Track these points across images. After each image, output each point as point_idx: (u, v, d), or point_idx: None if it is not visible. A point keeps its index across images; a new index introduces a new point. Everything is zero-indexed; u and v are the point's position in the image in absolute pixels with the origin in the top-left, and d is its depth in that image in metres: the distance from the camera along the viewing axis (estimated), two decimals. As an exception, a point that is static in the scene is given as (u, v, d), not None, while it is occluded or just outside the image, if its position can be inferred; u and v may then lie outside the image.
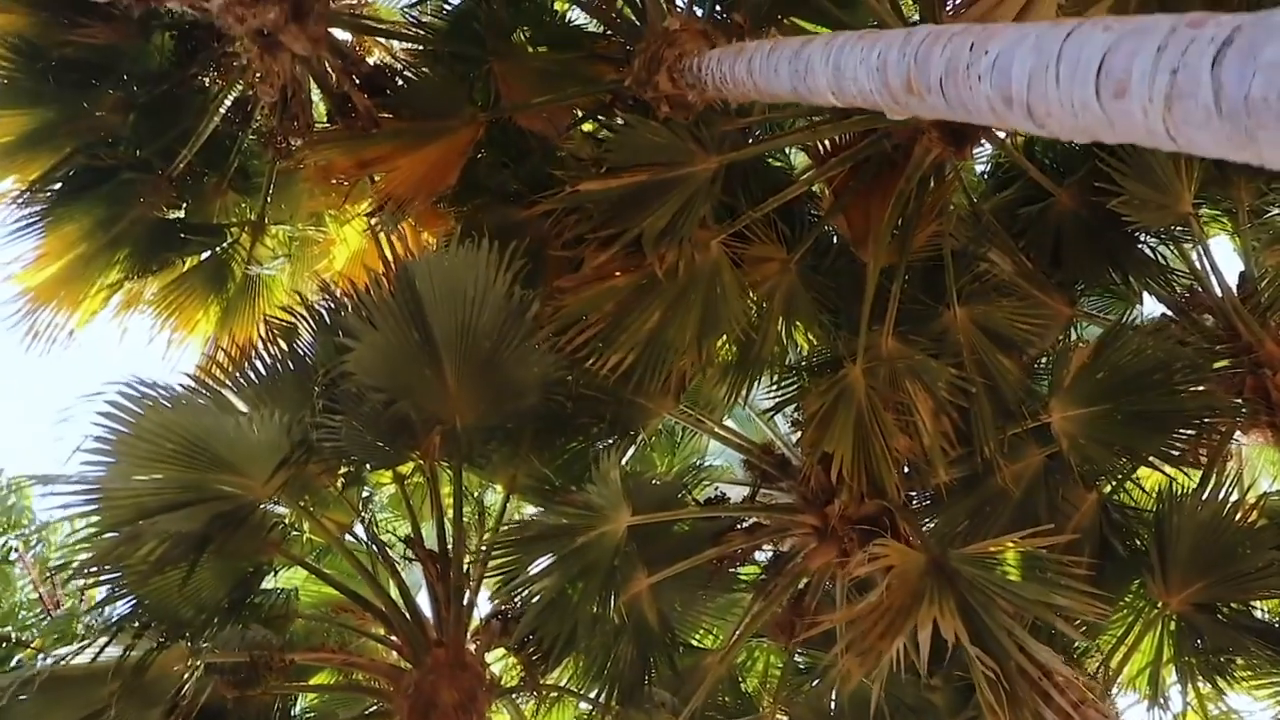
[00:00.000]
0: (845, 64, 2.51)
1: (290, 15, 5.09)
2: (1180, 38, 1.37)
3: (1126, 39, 1.48)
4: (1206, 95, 1.31)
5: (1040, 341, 6.42)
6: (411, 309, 5.02)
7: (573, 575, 5.36)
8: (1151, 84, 1.41)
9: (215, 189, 6.18)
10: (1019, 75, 1.75)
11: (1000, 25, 1.90)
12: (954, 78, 1.99)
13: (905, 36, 2.25)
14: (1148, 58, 1.42)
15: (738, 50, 3.71)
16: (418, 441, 5.50)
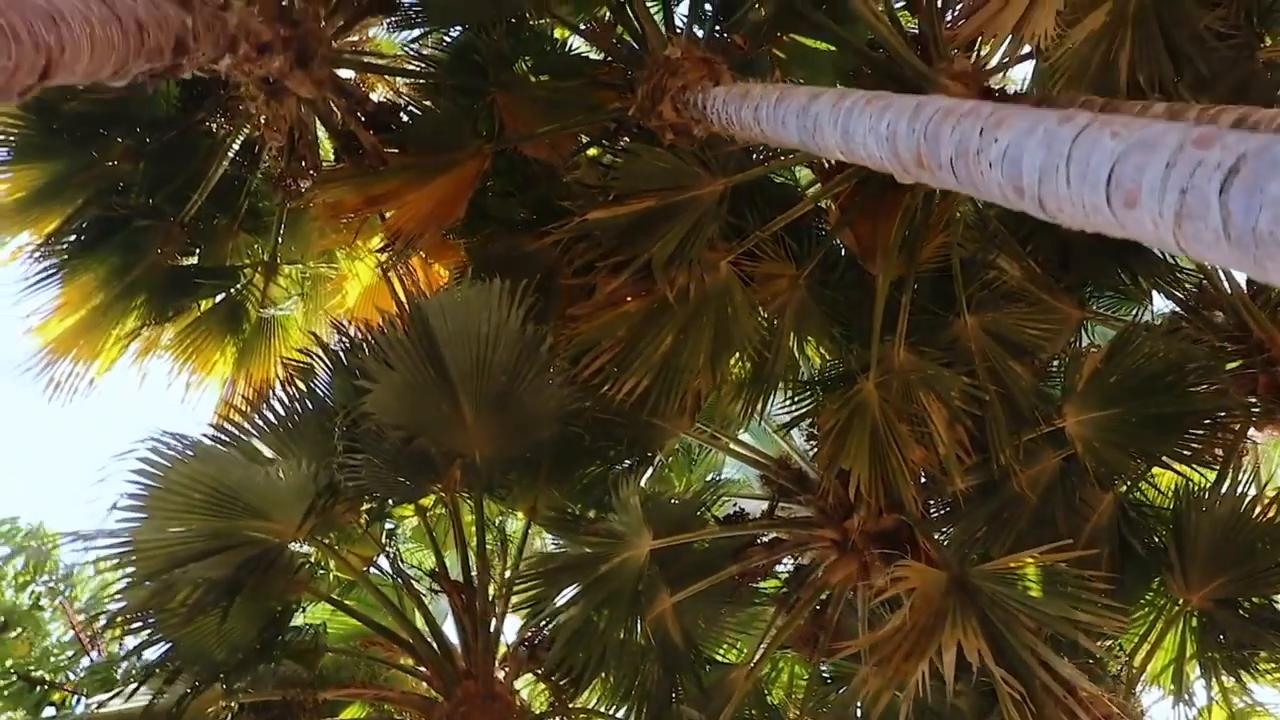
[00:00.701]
0: (854, 129, 2.55)
1: (295, 62, 5.13)
2: (1188, 158, 1.41)
3: (1135, 151, 1.52)
4: (1215, 220, 1.35)
5: (1051, 346, 6.46)
6: (426, 347, 5.07)
7: (598, 603, 5.43)
8: (1161, 199, 1.45)
9: (227, 231, 6.24)
10: (1030, 169, 1.80)
11: (1010, 111, 1.93)
12: (965, 160, 2.03)
13: (915, 109, 2.29)
14: (1156, 174, 1.46)
15: (743, 94, 3.74)
16: (438, 475, 5.57)
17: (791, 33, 6.23)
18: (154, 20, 3.12)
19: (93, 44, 2.61)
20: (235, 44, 4.17)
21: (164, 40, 3.26)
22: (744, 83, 4.09)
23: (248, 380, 6.43)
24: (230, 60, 4.23)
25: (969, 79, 5.53)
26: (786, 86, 3.36)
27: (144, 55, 3.06)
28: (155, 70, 3.31)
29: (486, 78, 6.03)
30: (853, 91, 2.71)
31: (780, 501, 6.52)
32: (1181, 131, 1.45)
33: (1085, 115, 1.69)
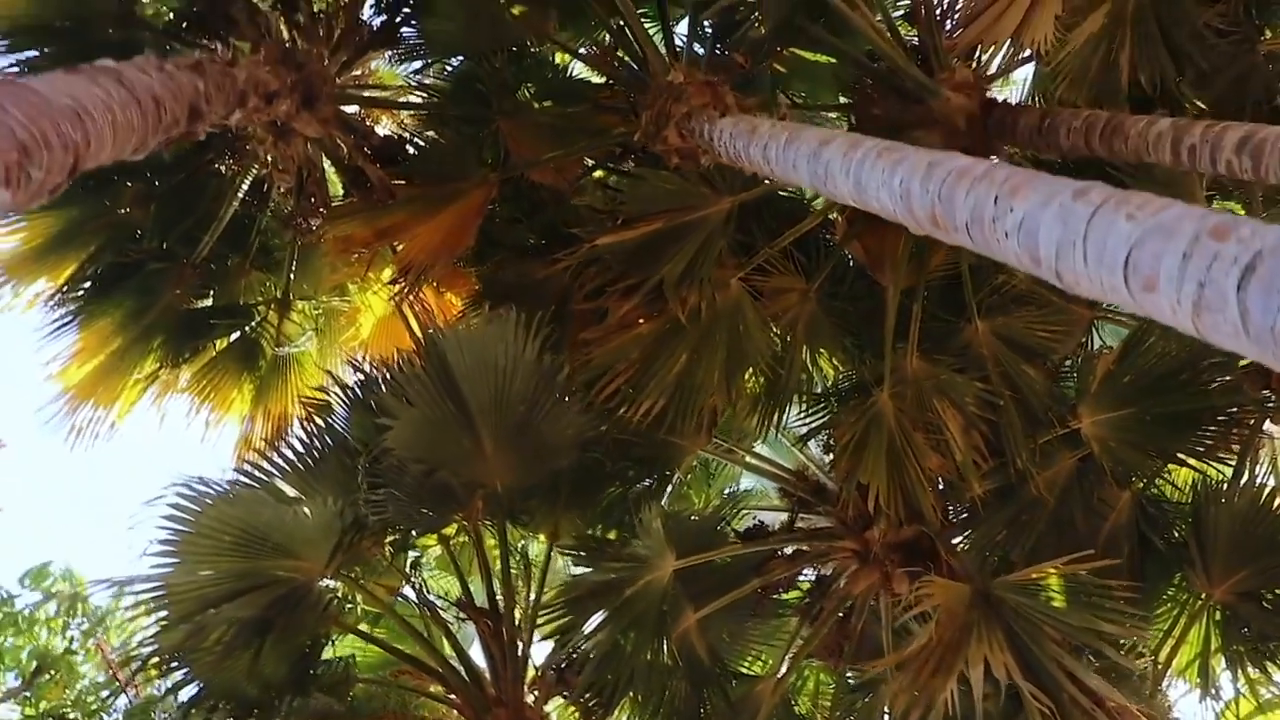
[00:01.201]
0: (867, 182, 2.58)
1: (301, 104, 5.16)
2: (1204, 250, 1.44)
3: (1151, 237, 1.55)
4: (1233, 315, 1.38)
5: (1063, 347, 6.47)
6: (444, 382, 5.12)
7: (624, 626, 5.48)
8: (1179, 289, 1.48)
9: (239, 270, 6.29)
10: (1046, 243, 1.83)
11: (1024, 179, 1.96)
12: (980, 226, 2.06)
13: (927, 169, 2.32)
14: (1174, 263, 1.49)
15: (751, 130, 3.77)
16: (461, 505, 5.62)
17: (791, 47, 6.25)
18: (169, 93, 3.16)
19: (115, 130, 2.65)
20: (245, 98, 4.21)
21: (179, 111, 3.30)
22: (750, 117, 4.11)
23: (266, 417, 6.49)
24: (240, 114, 4.27)
25: (970, 89, 5.55)
26: (795, 126, 3.39)
27: (161, 129, 3.10)
28: (171, 138, 3.36)
29: (490, 106, 6.06)
30: (863, 140, 2.74)
31: (800, 513, 6.56)
32: (1198, 220, 1.48)
33: (1100, 191, 1.72)
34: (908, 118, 5.69)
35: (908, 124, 5.68)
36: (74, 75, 2.64)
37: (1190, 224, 1.48)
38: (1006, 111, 5.12)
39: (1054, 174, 1.94)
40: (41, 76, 2.49)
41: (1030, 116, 4.89)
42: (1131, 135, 3.99)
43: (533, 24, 5.99)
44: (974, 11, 5.79)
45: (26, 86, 2.33)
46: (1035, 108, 5.17)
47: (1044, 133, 4.70)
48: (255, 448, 6.37)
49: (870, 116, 5.99)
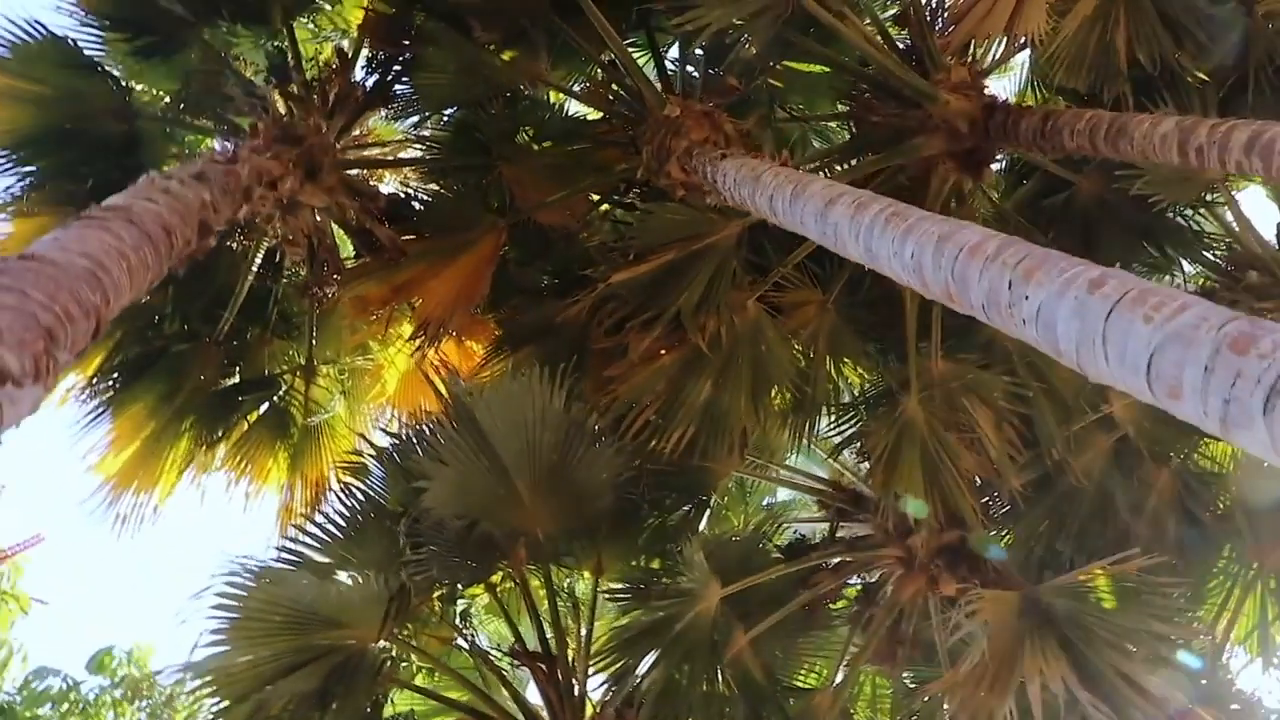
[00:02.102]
0: (878, 250, 2.58)
1: (304, 178, 5.21)
2: (1226, 364, 1.44)
3: (1171, 344, 1.55)
4: (1262, 434, 1.38)
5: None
6: (475, 440, 5.15)
7: (677, 660, 5.50)
8: (1205, 401, 1.48)
9: (261, 341, 6.35)
10: (1066, 338, 1.82)
11: (1037, 261, 1.96)
12: (997, 309, 2.06)
13: (937, 243, 2.31)
14: (1197, 375, 1.49)
15: (754, 177, 3.77)
16: (504, 554, 5.65)
17: (784, 61, 6.22)
18: (178, 217, 3.20)
19: (131, 275, 2.69)
20: (250, 193, 4.25)
21: (189, 232, 3.33)
22: (752, 159, 4.10)
23: (304, 483, 6.55)
24: (247, 207, 4.31)
25: (969, 89, 5.52)
26: (799, 177, 3.38)
27: (174, 255, 3.13)
28: (183, 259, 3.40)
29: (490, 153, 6.08)
30: (869, 203, 2.73)
31: (840, 522, 6.57)
32: (1216, 328, 1.48)
33: (1116, 283, 1.71)
34: (908, 124, 5.66)
35: (908, 130, 5.66)
36: (87, 228, 2.68)
37: (1209, 332, 1.48)
38: (1008, 113, 5.09)
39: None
40: (56, 238, 2.53)
41: (1032, 118, 4.85)
42: (1136, 137, 3.96)
43: (524, 68, 6.00)
44: (964, 8, 5.76)
45: (43, 261, 2.37)
46: (1037, 109, 5.12)
47: (1047, 135, 4.67)
48: (296, 515, 6.44)
49: (870, 124, 5.97)
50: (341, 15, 6.30)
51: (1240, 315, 1.52)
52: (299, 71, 5.87)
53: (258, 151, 4.60)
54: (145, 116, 5.90)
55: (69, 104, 5.74)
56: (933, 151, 5.47)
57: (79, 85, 5.75)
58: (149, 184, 3.35)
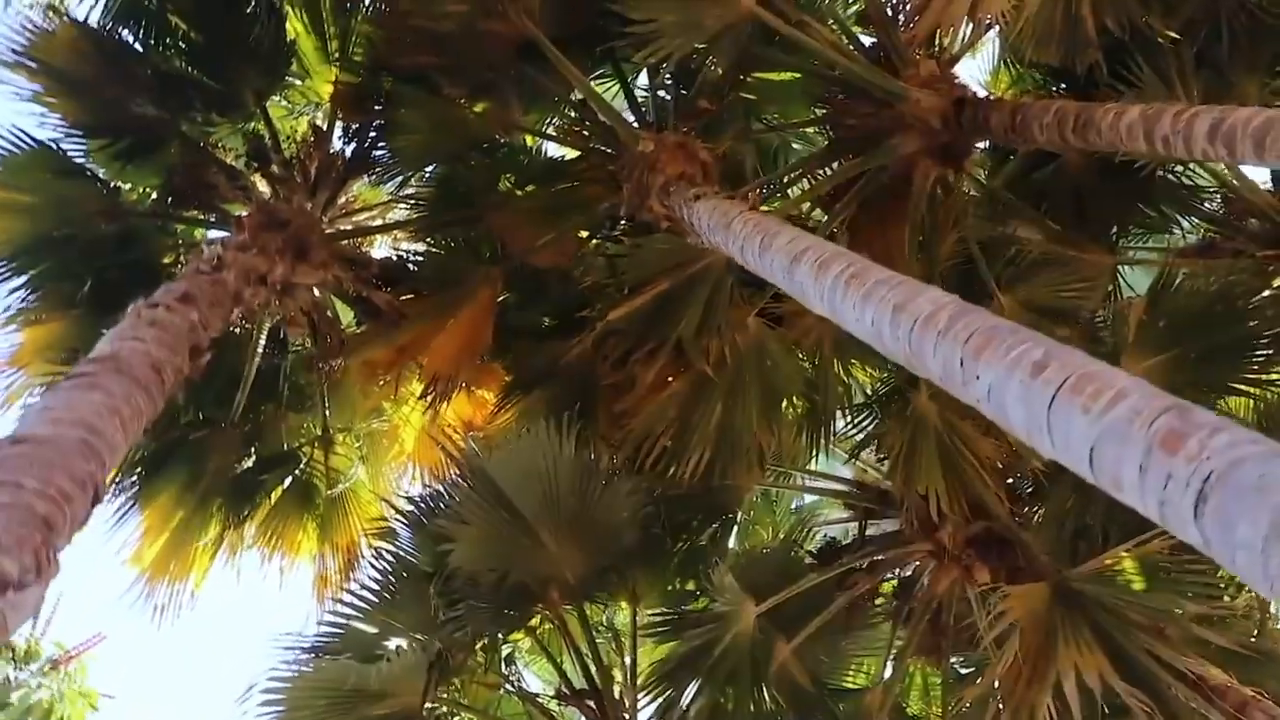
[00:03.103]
0: (842, 312, 2.61)
1: (295, 260, 5.29)
2: (1158, 466, 1.46)
3: (1107, 439, 1.57)
4: (1196, 536, 1.41)
5: (1091, 300, 6.40)
6: (494, 497, 5.23)
7: (721, 684, 5.57)
8: (1143, 498, 1.51)
9: (275, 417, 6.45)
10: (1016, 419, 1.85)
11: (983, 337, 1.98)
12: (954, 384, 2.09)
13: (893, 312, 2.34)
14: (1133, 474, 1.52)
15: (725, 224, 3.81)
16: (538, 599, 5.73)
17: (753, 74, 6.22)
18: (167, 350, 3.27)
19: (126, 429, 2.76)
20: (240, 296, 4.32)
21: (181, 360, 3.40)
22: (725, 201, 4.13)
23: (335, 551, 6.65)
24: (239, 309, 4.38)
25: (938, 84, 5.51)
26: (767, 225, 3.41)
27: (167, 390, 3.21)
28: (176, 387, 3.47)
29: (475, 204, 6.14)
30: (831, 262, 2.76)
31: (868, 520, 6.59)
32: (1148, 422, 1.51)
33: (1058, 367, 1.74)
34: (882, 124, 5.66)
35: (882, 130, 5.66)
36: (76, 390, 2.75)
37: (1140, 428, 1.51)
38: (978, 107, 5.08)
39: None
40: (48, 408, 2.60)
41: (1002, 111, 4.85)
42: (1104, 129, 3.96)
43: (496, 117, 6.05)
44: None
45: (35, 442, 2.43)
46: (1006, 101, 5.11)
47: (1017, 128, 4.67)
48: (331, 584, 6.56)
49: (846, 128, 5.98)
50: (312, 89, 6.36)
51: (1173, 405, 1.55)
52: (278, 151, 5.95)
53: (244, 249, 4.69)
54: (135, 214, 6.02)
55: (60, 210, 5.85)
56: (910, 150, 5.48)
57: (68, 191, 5.87)
58: (135, 318, 3.43)
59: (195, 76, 5.83)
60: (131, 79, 5.74)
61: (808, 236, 3.09)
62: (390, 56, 5.75)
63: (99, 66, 5.66)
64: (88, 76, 5.66)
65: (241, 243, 4.74)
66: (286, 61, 5.97)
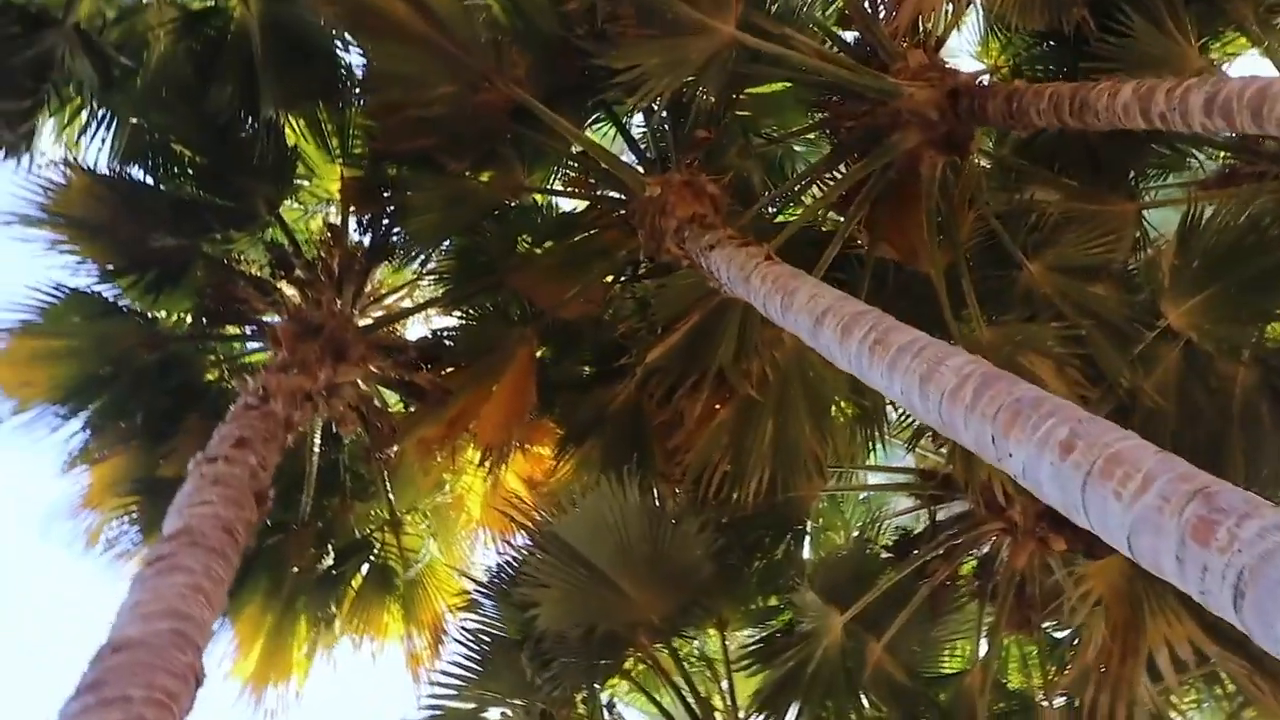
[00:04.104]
0: (871, 378, 2.66)
1: (334, 363, 5.43)
2: (1194, 558, 1.51)
3: (1142, 529, 1.62)
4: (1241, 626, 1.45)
5: (1119, 251, 6.35)
6: (569, 556, 5.33)
7: (820, 698, 5.64)
8: (1186, 583, 1.55)
9: (342, 510, 6.62)
10: (1054, 498, 1.90)
11: (1009, 413, 2.03)
12: (987, 455, 2.13)
13: (919, 384, 2.39)
14: (1171, 563, 1.56)
15: (745, 276, 3.86)
16: (629, 643, 5.84)
17: (745, 90, 6.24)
18: (234, 507, 3.40)
19: (212, 601, 2.88)
20: (290, 421, 4.44)
21: (250, 513, 3.53)
22: (741, 251, 4.19)
23: (421, 627, 6.80)
24: (292, 436, 4.50)
25: (930, 74, 5.50)
26: (784, 283, 3.46)
27: (241, 545, 3.33)
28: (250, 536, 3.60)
29: (497, 269, 6.24)
30: (853, 326, 2.81)
31: (937, 506, 6.61)
32: (1178, 510, 1.55)
33: (1084, 447, 1.78)
34: (879, 122, 5.68)
35: (882, 129, 5.67)
36: (159, 577, 2.87)
37: (1171, 516, 1.55)
38: (974, 96, 5.09)
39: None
40: (137, 604, 2.73)
41: (997, 99, 4.85)
42: (1100, 110, 3.96)
43: (503, 183, 6.14)
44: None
45: (131, 647, 2.56)
46: (1000, 86, 5.09)
47: (1015, 115, 4.67)
48: (423, 661, 6.71)
49: (846, 132, 5.99)
50: (321, 186, 6.50)
51: (1200, 490, 1.59)
52: (299, 255, 6.09)
53: (285, 369, 4.82)
54: (174, 340, 6.20)
55: (102, 349, 6.05)
56: (912, 144, 5.49)
57: (107, 329, 6.06)
58: (198, 478, 3.56)
59: (207, 199, 5.99)
60: (148, 213, 5.91)
61: (826, 293, 3.14)
62: (390, 145, 5.86)
63: (115, 208, 5.84)
64: (106, 220, 5.84)
65: (282, 362, 4.88)
66: (292, 167, 6.11)
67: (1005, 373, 2.26)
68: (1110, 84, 4.04)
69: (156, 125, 5.90)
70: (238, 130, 5.85)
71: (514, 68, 5.60)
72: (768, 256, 3.98)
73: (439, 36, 5.44)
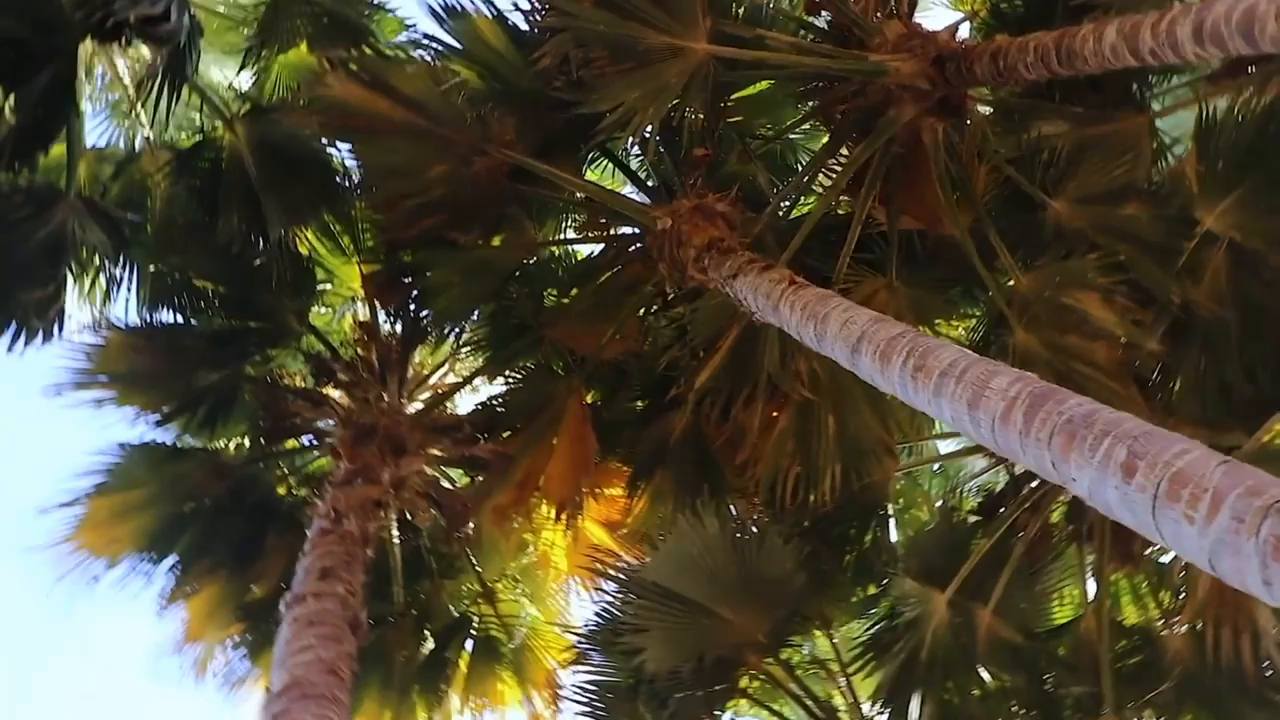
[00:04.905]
0: (918, 403, 2.65)
1: (395, 459, 5.52)
2: None
3: (1222, 553, 1.60)
4: None
5: (1139, 168, 6.22)
6: (664, 596, 5.38)
7: (940, 682, 5.62)
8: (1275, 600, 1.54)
9: (434, 591, 6.71)
10: (1127, 519, 1.88)
11: (1064, 437, 2.01)
12: (1052, 479, 2.12)
13: (967, 409, 2.37)
14: (1259, 583, 1.54)
15: (774, 307, 3.85)
16: (740, 664, 5.86)
17: (731, 97, 6.22)
18: (333, 644, 3.49)
19: None
20: (366, 534, 4.51)
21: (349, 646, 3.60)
22: (765, 279, 4.19)
23: (536, 688, 6.86)
24: (373, 548, 4.57)
25: (911, 42, 5.43)
26: (814, 309, 3.45)
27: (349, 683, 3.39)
28: (354, 667, 3.66)
29: (531, 328, 6.29)
30: (890, 350, 2.79)
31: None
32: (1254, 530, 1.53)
33: (1145, 468, 1.76)
34: (872, 101, 5.62)
35: (876, 107, 5.62)
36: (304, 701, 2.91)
37: (1249, 538, 1.53)
38: (960, 59, 5.01)
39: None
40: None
41: (982, 60, 4.79)
42: (1087, 55, 3.90)
43: (516, 244, 6.18)
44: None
45: None
46: (984, 46, 4.98)
47: (1004, 72, 4.61)
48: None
49: (841, 117, 5.94)
50: (344, 285, 6.61)
51: (1273, 502, 1.56)
52: (338, 358, 6.18)
53: (349, 482, 4.90)
54: (239, 466, 6.32)
55: (173, 492, 6.21)
56: (908, 116, 5.43)
57: (173, 472, 6.22)
58: (292, 623, 3.64)
59: (239, 325, 6.13)
60: (186, 352, 6.06)
61: (858, 316, 3.13)
62: (399, 234, 5.94)
63: (155, 355, 5.99)
64: (149, 368, 6.00)
65: (345, 475, 4.95)
66: (311, 276, 6.22)
67: (1051, 387, 2.24)
68: (1093, 27, 3.97)
69: (174, 267, 6.03)
70: (252, 253, 5.96)
71: (502, 132, 5.65)
72: (791, 281, 3.96)
73: (423, 121, 5.52)
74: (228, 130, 6.02)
